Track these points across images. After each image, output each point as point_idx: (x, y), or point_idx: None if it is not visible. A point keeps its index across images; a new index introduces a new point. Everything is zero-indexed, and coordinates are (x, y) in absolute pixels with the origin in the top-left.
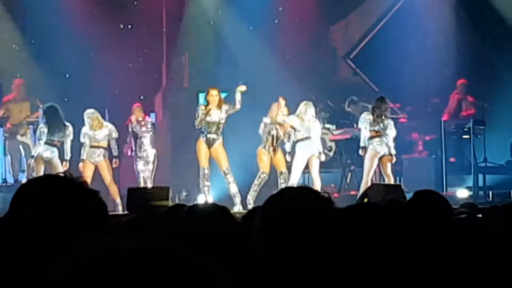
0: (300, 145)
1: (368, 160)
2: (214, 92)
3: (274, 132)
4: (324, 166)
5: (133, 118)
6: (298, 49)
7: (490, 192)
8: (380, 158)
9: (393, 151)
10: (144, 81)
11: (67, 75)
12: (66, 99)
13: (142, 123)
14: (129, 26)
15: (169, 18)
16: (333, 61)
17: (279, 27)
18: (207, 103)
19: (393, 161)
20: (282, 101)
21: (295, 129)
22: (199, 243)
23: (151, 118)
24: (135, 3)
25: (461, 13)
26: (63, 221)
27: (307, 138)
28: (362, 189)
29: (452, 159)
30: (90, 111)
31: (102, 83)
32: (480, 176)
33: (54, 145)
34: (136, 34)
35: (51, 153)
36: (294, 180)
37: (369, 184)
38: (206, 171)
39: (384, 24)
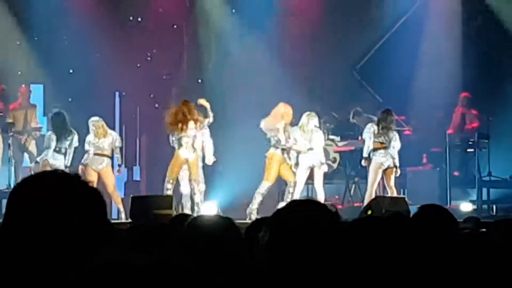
0: (302, 156)
1: (373, 172)
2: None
3: (281, 136)
4: (328, 178)
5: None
6: (304, 59)
7: (494, 206)
8: (385, 170)
9: (398, 163)
10: (153, 81)
11: (71, 71)
12: (70, 99)
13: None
14: (139, 19)
15: (178, 15)
16: (339, 72)
17: (286, 36)
18: None
19: (398, 174)
20: (284, 108)
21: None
22: (202, 255)
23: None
24: None
25: (466, 27)
26: (61, 216)
27: (309, 149)
28: (366, 201)
29: (456, 173)
30: (95, 118)
31: (108, 84)
32: (484, 190)
33: (62, 153)
34: (144, 32)
35: (58, 161)
36: (297, 191)
37: (373, 196)
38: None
39: (389, 36)
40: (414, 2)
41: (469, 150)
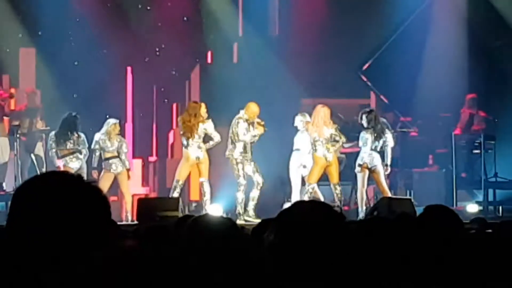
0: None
1: (359, 172)
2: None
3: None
4: None
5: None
6: (308, 60)
7: (500, 207)
8: (372, 172)
9: (389, 162)
10: (162, 76)
11: (76, 63)
12: (75, 95)
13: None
14: (148, 8)
15: (187, 8)
16: (344, 72)
17: (291, 36)
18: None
19: (387, 171)
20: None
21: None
22: (203, 253)
23: None
24: None
25: (473, 27)
26: (65, 215)
27: (296, 149)
28: (359, 202)
29: (462, 174)
30: (113, 120)
31: (115, 79)
32: (490, 191)
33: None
34: (153, 26)
35: (74, 164)
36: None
37: (364, 196)
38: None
39: (396, 36)
40: (420, 3)
41: (475, 151)
